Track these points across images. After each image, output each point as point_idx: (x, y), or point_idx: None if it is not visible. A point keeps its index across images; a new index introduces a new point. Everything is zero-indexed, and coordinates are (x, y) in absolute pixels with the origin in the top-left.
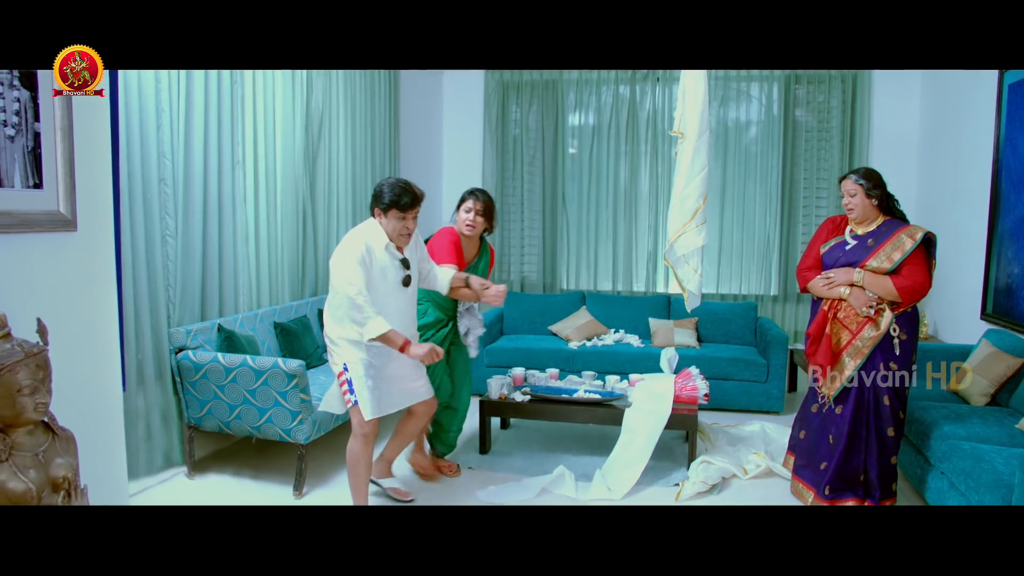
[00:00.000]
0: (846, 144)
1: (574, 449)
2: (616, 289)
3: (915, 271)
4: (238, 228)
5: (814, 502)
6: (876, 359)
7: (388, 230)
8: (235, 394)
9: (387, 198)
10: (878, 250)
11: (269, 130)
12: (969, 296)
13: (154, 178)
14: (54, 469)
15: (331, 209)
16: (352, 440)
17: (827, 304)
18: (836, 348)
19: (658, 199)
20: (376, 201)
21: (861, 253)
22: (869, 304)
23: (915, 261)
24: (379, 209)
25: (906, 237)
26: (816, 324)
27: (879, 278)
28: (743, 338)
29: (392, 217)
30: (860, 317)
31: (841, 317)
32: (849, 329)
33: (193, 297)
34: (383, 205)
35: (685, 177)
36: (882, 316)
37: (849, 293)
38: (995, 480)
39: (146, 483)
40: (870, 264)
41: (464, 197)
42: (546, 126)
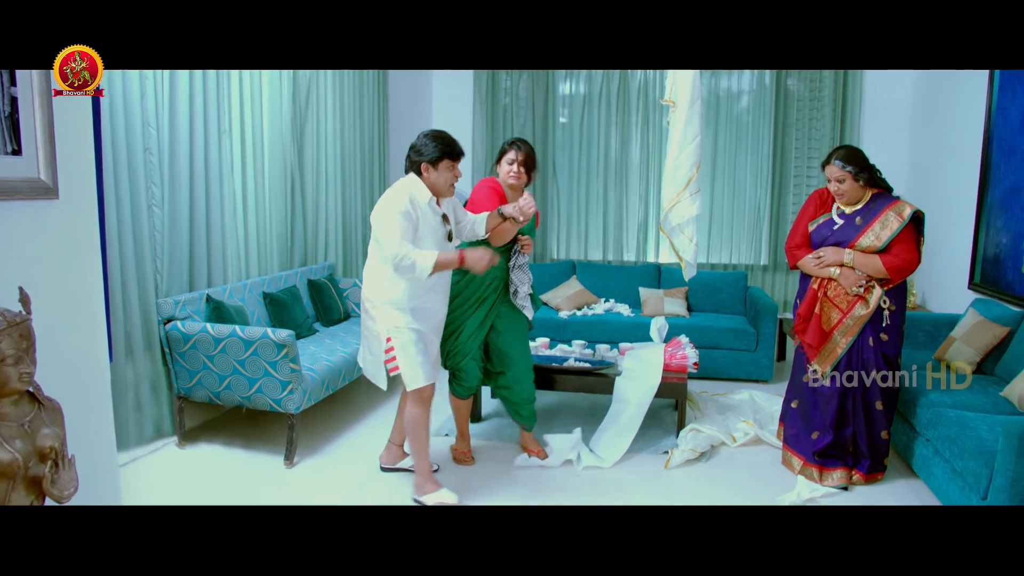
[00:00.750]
0: (838, 114)
1: (564, 418)
2: (606, 259)
3: (904, 249)
4: (225, 198)
5: (803, 468)
6: (866, 332)
7: (439, 182)
8: (224, 364)
9: (437, 149)
10: (867, 229)
11: (256, 98)
12: (957, 266)
13: (139, 147)
14: (40, 439)
15: (320, 178)
16: (411, 407)
17: (817, 283)
18: (827, 326)
19: (649, 169)
20: (420, 156)
21: (850, 232)
22: (859, 283)
23: (904, 239)
24: (427, 163)
25: (894, 215)
26: (806, 303)
27: (869, 257)
28: (733, 307)
29: (443, 168)
30: (850, 296)
31: (831, 296)
32: (839, 308)
33: (181, 267)
34: (432, 158)
35: (678, 146)
36: (871, 293)
37: (839, 273)
38: (979, 447)
39: (136, 453)
40: (860, 243)
41: (505, 148)
42: (536, 95)
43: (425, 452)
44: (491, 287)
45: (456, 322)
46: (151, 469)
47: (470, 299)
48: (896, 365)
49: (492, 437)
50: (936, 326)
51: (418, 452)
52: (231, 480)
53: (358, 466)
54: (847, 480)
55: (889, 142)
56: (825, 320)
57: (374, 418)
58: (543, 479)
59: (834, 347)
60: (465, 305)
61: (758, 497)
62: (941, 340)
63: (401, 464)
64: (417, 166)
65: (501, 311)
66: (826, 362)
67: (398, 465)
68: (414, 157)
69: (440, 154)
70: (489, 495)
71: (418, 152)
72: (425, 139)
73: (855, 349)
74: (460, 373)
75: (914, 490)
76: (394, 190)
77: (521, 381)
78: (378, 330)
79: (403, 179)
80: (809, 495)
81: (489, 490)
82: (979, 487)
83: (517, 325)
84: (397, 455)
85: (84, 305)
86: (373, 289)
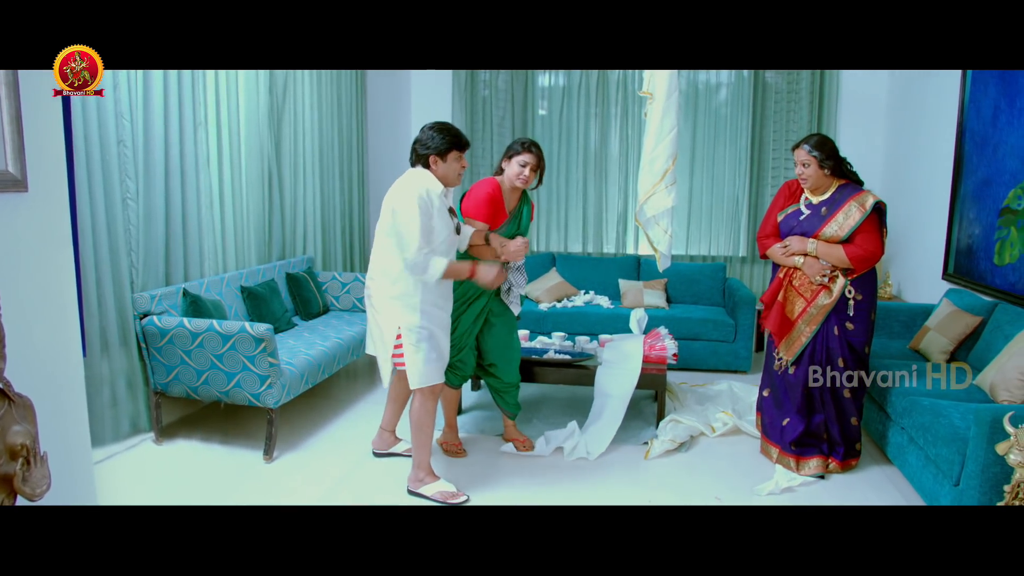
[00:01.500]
0: (815, 106)
1: (544, 410)
2: (586, 251)
3: (867, 239)
4: (202, 191)
5: (779, 458)
6: (830, 320)
7: (449, 174)
8: (202, 359)
9: (445, 141)
10: (831, 219)
11: (232, 90)
12: (932, 256)
13: (112, 139)
14: (11, 436)
15: (298, 170)
16: (421, 401)
17: (783, 271)
18: (791, 315)
19: (628, 160)
20: (427, 149)
21: (816, 222)
22: (823, 272)
23: (867, 229)
24: (435, 156)
25: (856, 206)
26: (770, 291)
27: (832, 247)
28: (712, 299)
29: (452, 159)
30: (815, 285)
31: (796, 285)
32: (804, 297)
33: (157, 261)
34: (440, 149)
35: (655, 138)
36: (835, 283)
37: (803, 262)
38: (952, 434)
39: (113, 449)
40: (824, 233)
41: (517, 149)
42: (515, 87)
43: (428, 445)
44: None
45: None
46: (127, 466)
47: (465, 296)
48: (863, 355)
49: (474, 431)
50: (911, 316)
51: (421, 445)
52: (210, 476)
53: (338, 460)
54: (823, 468)
55: (865, 134)
56: (789, 309)
57: (354, 411)
58: (527, 472)
59: (798, 335)
60: (460, 301)
61: (737, 486)
62: (916, 330)
63: (395, 449)
64: (425, 159)
65: (493, 307)
66: (791, 350)
67: (392, 450)
68: (421, 150)
69: (448, 145)
70: (478, 488)
71: (425, 145)
72: (431, 132)
73: (820, 338)
74: (457, 363)
75: (889, 478)
76: (410, 183)
77: (508, 365)
78: (384, 325)
79: (413, 171)
80: (787, 484)
81: (477, 483)
82: (952, 474)
83: (506, 318)
84: (390, 440)
85: (56, 300)
86: (382, 283)
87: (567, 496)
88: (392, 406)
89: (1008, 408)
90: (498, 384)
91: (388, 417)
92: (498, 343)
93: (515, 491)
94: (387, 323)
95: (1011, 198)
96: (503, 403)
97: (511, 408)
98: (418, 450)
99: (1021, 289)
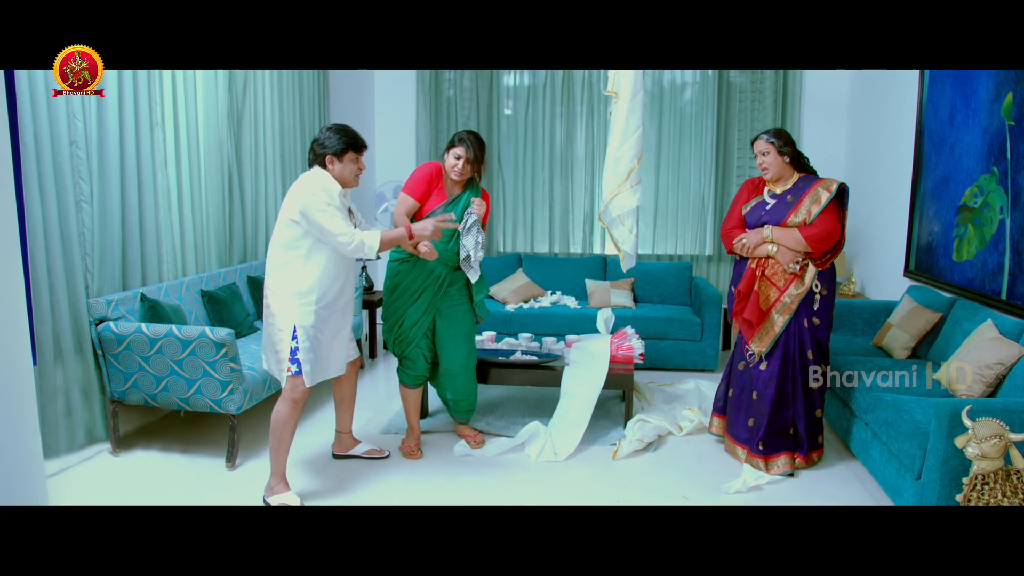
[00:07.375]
0: (779, 106)
1: (512, 413)
2: (553, 251)
3: (824, 220)
4: (159, 192)
5: (747, 459)
6: (800, 314)
7: (345, 174)
8: (161, 365)
9: (342, 141)
10: (798, 205)
11: (189, 88)
12: (893, 254)
13: (64, 140)
14: None
15: (259, 171)
16: (282, 404)
17: (755, 262)
18: (764, 305)
19: (594, 160)
20: (324, 149)
21: (783, 209)
22: (795, 259)
23: (827, 211)
24: (331, 156)
25: (822, 190)
26: (745, 281)
27: (788, 231)
28: (678, 298)
29: (348, 160)
30: (787, 274)
31: (768, 274)
32: (777, 286)
33: (113, 266)
34: (336, 150)
35: (619, 137)
36: (807, 272)
37: (776, 251)
38: (913, 428)
39: (67, 461)
40: (791, 220)
41: (453, 142)
42: (480, 86)
43: (284, 453)
44: (431, 277)
45: (398, 312)
46: (83, 477)
47: (409, 289)
48: (826, 348)
49: (438, 427)
50: (874, 313)
51: (277, 451)
52: (170, 485)
53: (302, 464)
54: (791, 466)
55: (828, 133)
56: (763, 299)
57: (317, 416)
58: (494, 472)
59: (772, 326)
60: (405, 295)
61: (705, 484)
62: (879, 326)
63: (354, 451)
64: (322, 159)
65: (443, 309)
66: (764, 342)
67: (351, 452)
68: (318, 150)
69: (345, 146)
70: (444, 489)
71: (322, 145)
72: (328, 132)
73: (792, 330)
74: (406, 361)
75: (854, 472)
76: (309, 183)
77: (456, 377)
78: (280, 325)
79: (311, 172)
80: (755, 482)
81: (443, 484)
82: (913, 468)
83: (458, 323)
84: (348, 442)
85: (4, 306)
86: (278, 280)
87: (536, 496)
88: (340, 408)
89: (966, 402)
90: (445, 393)
91: (340, 420)
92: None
93: (483, 492)
94: (284, 321)
95: (968, 196)
96: (454, 411)
97: (461, 416)
98: (272, 456)
99: (978, 285)
